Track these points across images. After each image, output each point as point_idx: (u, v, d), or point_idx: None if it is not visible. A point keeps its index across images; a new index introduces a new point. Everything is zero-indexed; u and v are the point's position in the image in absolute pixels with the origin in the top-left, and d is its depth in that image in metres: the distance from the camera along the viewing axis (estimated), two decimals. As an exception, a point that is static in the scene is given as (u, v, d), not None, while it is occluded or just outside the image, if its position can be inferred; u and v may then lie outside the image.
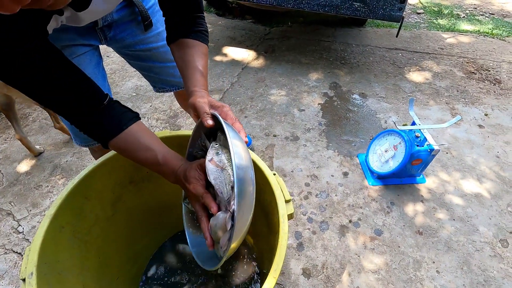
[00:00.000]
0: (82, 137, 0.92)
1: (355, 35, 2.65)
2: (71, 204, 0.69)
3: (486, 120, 1.78)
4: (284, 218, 0.63)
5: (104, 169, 0.76)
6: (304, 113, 1.82)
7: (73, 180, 0.70)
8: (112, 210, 0.83)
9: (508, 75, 2.16)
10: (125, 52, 0.92)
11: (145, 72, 1.01)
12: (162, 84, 1.04)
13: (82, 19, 0.65)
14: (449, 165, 1.53)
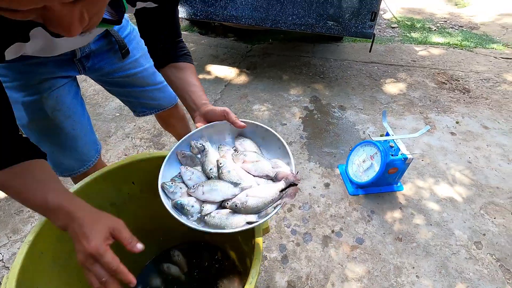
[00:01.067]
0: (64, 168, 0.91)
1: (333, 50, 2.77)
2: (51, 229, 0.70)
3: (458, 128, 1.88)
4: (258, 232, 0.66)
5: (84, 192, 0.77)
6: (286, 127, 1.88)
7: (53, 205, 0.71)
8: (93, 233, 0.83)
9: (476, 84, 2.30)
10: (104, 80, 0.95)
11: (124, 98, 1.04)
12: (142, 107, 1.07)
13: (57, 47, 0.65)
14: (425, 172, 1.60)
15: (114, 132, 1.81)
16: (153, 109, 1.09)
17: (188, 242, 1.21)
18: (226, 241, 1.11)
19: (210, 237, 1.18)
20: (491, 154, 1.69)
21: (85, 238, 0.51)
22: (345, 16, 1.81)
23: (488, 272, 1.19)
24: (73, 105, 0.85)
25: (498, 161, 1.66)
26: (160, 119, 1.25)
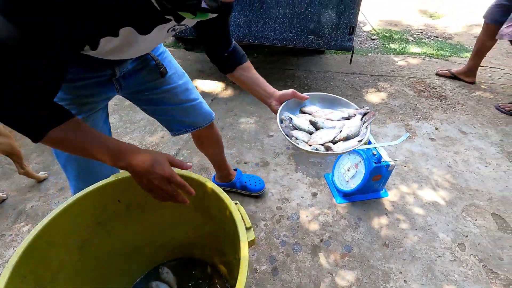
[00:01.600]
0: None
1: (316, 63, 2.86)
2: (34, 252, 0.69)
3: (437, 134, 1.95)
4: (244, 244, 0.67)
5: (69, 213, 0.77)
6: (272, 139, 1.91)
7: (36, 227, 0.71)
8: (78, 254, 0.82)
9: (452, 91, 2.41)
10: (138, 98, 1.00)
11: (159, 116, 1.07)
12: (178, 125, 1.10)
13: (134, 47, 0.67)
14: (408, 178, 1.64)
15: (100, 150, 1.80)
16: (189, 127, 1.11)
17: (177, 258, 1.20)
18: (215, 255, 1.11)
19: (200, 252, 1.17)
20: (469, 158, 1.77)
21: (158, 167, 0.66)
22: (324, 31, 1.88)
23: (472, 273, 1.22)
24: (103, 130, 0.89)
25: (476, 164, 1.72)
26: (196, 139, 1.29)
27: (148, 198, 0.91)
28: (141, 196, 0.90)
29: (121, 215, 0.92)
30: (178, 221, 1.01)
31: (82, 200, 0.78)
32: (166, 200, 0.72)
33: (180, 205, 0.94)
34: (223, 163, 1.45)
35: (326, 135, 0.90)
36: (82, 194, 0.79)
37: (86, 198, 0.79)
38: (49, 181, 1.60)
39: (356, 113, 0.96)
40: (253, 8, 1.87)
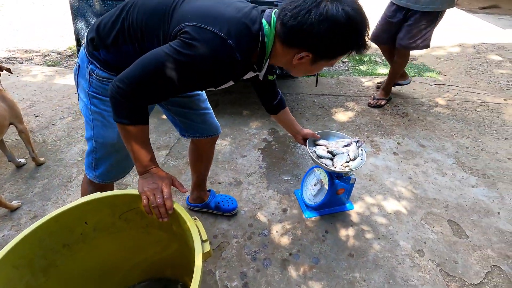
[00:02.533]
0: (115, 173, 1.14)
1: (289, 86, 3.03)
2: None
3: (399, 148, 2.10)
4: (198, 255, 0.73)
5: (35, 236, 0.81)
6: (246, 159, 2.00)
7: (2, 251, 0.75)
8: (44, 277, 0.85)
9: (413, 108, 2.60)
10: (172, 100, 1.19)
11: (180, 118, 1.26)
12: (193, 130, 1.29)
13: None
14: (372, 190, 1.75)
15: (75, 177, 1.83)
16: (202, 133, 1.30)
17: (149, 279, 1.22)
18: (184, 274, 1.15)
19: (171, 271, 1.21)
20: (428, 169, 1.90)
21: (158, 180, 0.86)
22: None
23: (430, 277, 1.30)
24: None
25: (434, 175, 1.86)
26: (195, 152, 1.43)
27: (115, 220, 0.97)
28: (108, 217, 0.96)
29: (89, 237, 0.96)
30: (146, 242, 1.05)
31: (49, 223, 0.83)
32: (152, 206, 0.84)
33: (146, 224, 1.00)
34: (204, 183, 1.55)
35: (341, 159, 1.38)
36: (50, 217, 0.83)
37: (52, 221, 0.84)
38: (22, 210, 1.60)
39: (352, 141, 1.45)
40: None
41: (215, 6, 0.83)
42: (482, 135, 2.24)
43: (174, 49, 0.77)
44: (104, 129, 1.02)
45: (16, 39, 4.20)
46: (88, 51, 0.96)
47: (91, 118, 1.02)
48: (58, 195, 1.70)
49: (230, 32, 0.77)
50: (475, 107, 2.63)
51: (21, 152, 2.01)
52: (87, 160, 1.10)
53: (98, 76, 0.96)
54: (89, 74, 0.97)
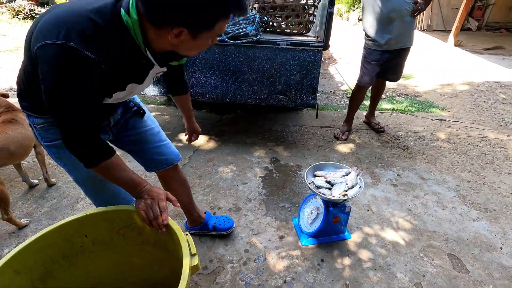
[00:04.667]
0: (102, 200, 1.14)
1: (293, 117, 3.14)
2: (1, 279, 0.78)
3: (399, 180, 2.11)
4: (186, 266, 0.77)
5: (37, 245, 0.87)
6: (246, 186, 2.05)
7: (7, 255, 0.81)
8: (41, 285, 0.90)
9: (414, 142, 2.64)
10: (123, 140, 1.21)
11: (138, 155, 1.28)
12: (154, 163, 1.30)
13: (131, 94, 0.99)
14: (371, 220, 1.75)
15: (82, 198, 1.91)
16: (163, 164, 1.31)
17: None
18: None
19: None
20: (428, 202, 1.89)
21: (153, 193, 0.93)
22: (291, 91, 2.18)
23: (428, 312, 1.26)
24: None
25: (434, 208, 1.85)
26: (164, 182, 1.44)
27: (113, 234, 1.02)
28: (107, 232, 1.01)
29: (87, 251, 1.01)
30: (141, 260, 1.09)
31: (51, 233, 0.90)
32: (150, 219, 0.90)
33: (142, 241, 1.05)
34: (192, 206, 1.57)
35: (340, 188, 1.44)
36: (51, 228, 0.90)
37: (55, 231, 0.91)
38: (29, 227, 1.67)
39: (351, 171, 1.53)
40: (230, 73, 2.18)
41: (57, 12, 0.78)
42: (484, 170, 2.24)
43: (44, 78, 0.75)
44: (77, 170, 1.04)
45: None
46: (21, 106, 0.97)
47: (63, 165, 1.05)
48: (64, 215, 1.77)
49: (69, 34, 0.71)
50: (477, 142, 2.65)
51: (34, 174, 2.13)
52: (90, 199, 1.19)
53: (38, 125, 0.97)
54: (33, 127, 0.98)
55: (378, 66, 2.42)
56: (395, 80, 2.62)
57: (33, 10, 7.08)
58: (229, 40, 2.06)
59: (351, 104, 2.69)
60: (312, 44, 2.07)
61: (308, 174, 1.56)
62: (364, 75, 2.48)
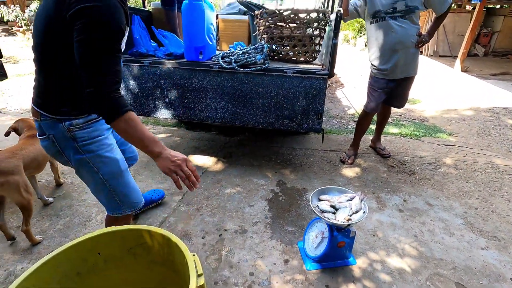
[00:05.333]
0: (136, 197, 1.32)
1: (299, 141, 3.21)
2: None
3: (405, 205, 2.11)
4: (193, 285, 0.81)
5: (55, 261, 0.93)
6: (253, 208, 2.08)
7: (28, 270, 0.87)
8: (55, 301, 0.95)
9: (420, 167, 2.65)
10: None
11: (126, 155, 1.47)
12: (129, 161, 1.52)
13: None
14: (376, 246, 1.74)
15: (94, 217, 1.97)
16: (133, 161, 1.60)
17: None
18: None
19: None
20: (434, 228, 1.88)
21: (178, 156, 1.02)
22: (297, 116, 2.26)
23: None
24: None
25: (441, 235, 1.83)
26: None
27: (124, 253, 1.07)
28: (118, 250, 1.07)
29: (99, 268, 1.06)
30: (149, 279, 1.13)
31: (69, 249, 0.95)
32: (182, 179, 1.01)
33: (151, 260, 1.10)
34: None
35: (344, 213, 1.47)
36: (70, 244, 0.96)
37: (72, 248, 0.96)
38: (42, 244, 1.73)
39: (355, 196, 1.56)
40: (239, 98, 2.29)
41: None
42: (492, 197, 2.22)
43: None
44: (107, 165, 1.20)
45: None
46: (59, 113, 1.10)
47: (93, 164, 1.18)
48: (76, 233, 1.83)
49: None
50: (484, 168, 2.64)
51: (49, 192, 2.22)
52: (110, 203, 1.27)
53: (77, 126, 1.12)
54: (68, 131, 1.11)
55: (384, 93, 2.49)
56: (400, 106, 2.69)
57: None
58: (239, 68, 2.18)
59: (357, 129, 2.75)
60: (317, 72, 2.17)
61: (313, 198, 1.60)
62: (370, 102, 2.55)
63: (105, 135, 1.22)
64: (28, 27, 7.63)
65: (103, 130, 1.21)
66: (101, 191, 1.24)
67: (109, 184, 1.22)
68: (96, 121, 1.19)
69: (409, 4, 2.19)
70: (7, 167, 1.64)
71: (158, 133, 3.32)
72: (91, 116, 1.16)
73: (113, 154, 1.23)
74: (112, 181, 1.23)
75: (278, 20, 2.36)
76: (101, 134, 1.20)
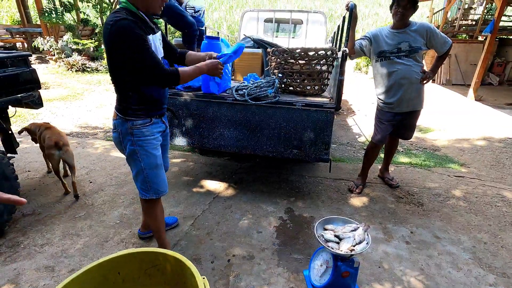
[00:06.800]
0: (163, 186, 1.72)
1: (308, 169, 3.29)
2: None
3: (412, 237, 2.12)
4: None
5: (80, 279, 1.04)
6: (261, 235, 2.15)
7: (59, 285, 0.98)
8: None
9: (429, 199, 2.66)
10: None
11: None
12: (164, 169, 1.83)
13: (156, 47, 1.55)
14: (382, 278, 1.76)
15: (111, 238, 2.10)
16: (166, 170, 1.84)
17: None
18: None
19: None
20: (441, 262, 1.89)
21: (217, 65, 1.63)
22: (306, 146, 2.37)
23: None
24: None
25: (448, 269, 1.83)
26: None
27: (141, 274, 1.18)
28: (136, 271, 1.17)
29: (119, 287, 1.16)
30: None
31: (93, 268, 1.07)
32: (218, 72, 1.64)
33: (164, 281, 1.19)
34: None
35: (348, 243, 1.53)
36: (94, 264, 1.08)
37: (96, 267, 1.08)
38: (63, 263, 1.86)
39: (359, 226, 1.62)
40: (250, 128, 2.44)
41: None
42: (503, 232, 2.20)
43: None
44: (148, 158, 1.59)
45: (88, 118, 5.18)
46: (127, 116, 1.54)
47: (139, 155, 1.58)
48: (94, 253, 1.95)
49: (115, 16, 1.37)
50: (494, 201, 2.62)
51: (73, 212, 2.38)
52: (143, 186, 1.65)
53: (138, 125, 1.54)
54: (130, 128, 1.53)
55: (391, 125, 2.59)
56: (408, 138, 2.76)
57: (85, 64, 8.17)
58: (251, 101, 2.35)
59: (365, 159, 2.82)
60: (325, 105, 2.31)
61: (318, 228, 1.67)
62: (377, 134, 2.64)
63: (154, 136, 1.61)
64: (60, 56, 8.29)
65: (154, 132, 1.61)
66: (139, 176, 1.63)
67: (146, 173, 1.62)
68: (150, 124, 1.58)
69: (413, 45, 2.34)
70: (66, 141, 2.57)
71: (174, 158, 3.49)
72: (146, 120, 1.56)
73: (155, 151, 1.62)
74: (148, 171, 1.62)
75: (288, 57, 2.55)
76: (151, 134, 1.59)
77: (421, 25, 2.36)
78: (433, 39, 2.35)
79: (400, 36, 2.37)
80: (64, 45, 8.35)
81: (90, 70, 8.18)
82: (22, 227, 2.18)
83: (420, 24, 2.37)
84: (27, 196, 2.57)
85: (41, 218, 2.30)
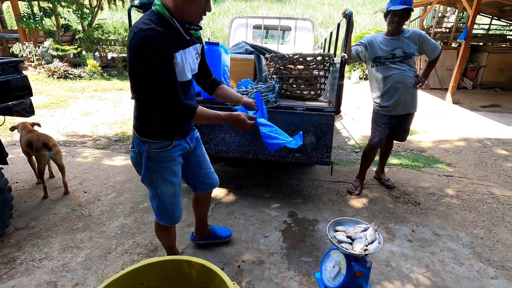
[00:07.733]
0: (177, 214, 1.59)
1: (307, 172, 3.33)
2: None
3: (414, 235, 2.19)
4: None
5: None
6: (268, 239, 2.15)
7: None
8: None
9: (424, 198, 2.76)
10: (188, 162, 1.61)
11: (192, 178, 1.71)
12: (202, 185, 1.75)
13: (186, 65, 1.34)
14: (391, 277, 1.81)
15: (114, 249, 2.02)
16: (209, 187, 1.78)
17: None
18: None
19: None
20: (444, 258, 1.96)
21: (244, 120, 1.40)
22: (308, 150, 2.40)
23: None
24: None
25: (451, 264, 1.91)
26: (197, 201, 1.89)
27: (163, 283, 1.15)
28: (158, 281, 1.14)
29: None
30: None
31: (117, 280, 1.03)
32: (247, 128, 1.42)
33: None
34: (205, 221, 2.02)
35: (360, 243, 1.55)
36: (117, 276, 1.04)
37: (119, 279, 1.04)
38: (65, 277, 1.77)
39: (369, 226, 1.64)
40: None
41: None
42: (496, 227, 2.32)
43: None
44: (166, 185, 1.46)
45: (74, 126, 4.99)
46: (144, 136, 1.38)
47: (155, 181, 1.44)
48: (97, 265, 1.87)
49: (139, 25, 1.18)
50: (485, 198, 2.76)
51: (69, 224, 2.28)
52: (157, 212, 1.54)
53: (155, 149, 1.39)
54: (147, 151, 1.39)
55: (388, 128, 2.68)
56: (403, 140, 2.87)
57: (67, 70, 7.90)
58: (253, 106, 2.37)
59: (363, 161, 2.89)
60: (325, 109, 2.36)
61: (330, 229, 1.69)
62: (375, 136, 2.73)
63: (175, 161, 1.46)
64: (39, 62, 7.97)
65: (175, 157, 1.45)
66: (154, 200, 1.52)
67: (162, 200, 1.49)
68: (169, 148, 1.41)
69: (406, 51, 2.45)
70: (54, 141, 2.58)
71: (169, 165, 3.42)
72: (166, 143, 1.40)
73: (173, 178, 1.48)
74: (165, 198, 1.49)
75: (287, 62, 2.59)
76: (170, 160, 1.44)
77: (413, 32, 2.48)
78: (425, 45, 2.47)
79: (394, 43, 2.48)
80: (44, 51, 8.05)
81: (72, 76, 7.92)
82: (17, 242, 2.06)
83: (412, 31, 2.49)
84: (17, 208, 2.44)
85: (35, 231, 2.18)
